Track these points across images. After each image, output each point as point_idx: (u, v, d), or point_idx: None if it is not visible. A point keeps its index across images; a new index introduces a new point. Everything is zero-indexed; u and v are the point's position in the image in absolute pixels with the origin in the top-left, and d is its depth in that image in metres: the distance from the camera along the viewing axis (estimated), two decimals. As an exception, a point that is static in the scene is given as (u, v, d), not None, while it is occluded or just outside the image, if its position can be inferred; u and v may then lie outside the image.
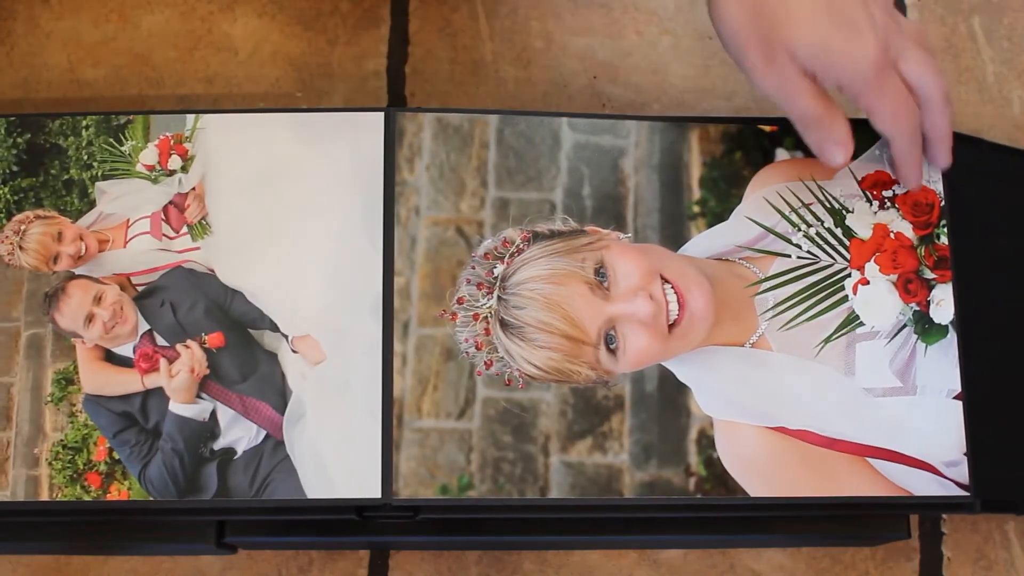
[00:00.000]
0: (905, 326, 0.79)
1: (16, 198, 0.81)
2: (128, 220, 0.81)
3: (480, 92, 0.95)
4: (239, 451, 0.77)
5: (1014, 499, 0.81)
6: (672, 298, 0.77)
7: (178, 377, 0.77)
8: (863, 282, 0.80)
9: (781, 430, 0.77)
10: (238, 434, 0.78)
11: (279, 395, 0.78)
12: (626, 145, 0.83)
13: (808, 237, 0.81)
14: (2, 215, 0.81)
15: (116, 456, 0.77)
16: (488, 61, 0.93)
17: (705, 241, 0.81)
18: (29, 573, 0.87)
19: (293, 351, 0.79)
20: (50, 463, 0.77)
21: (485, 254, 0.79)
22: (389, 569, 0.88)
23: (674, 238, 0.81)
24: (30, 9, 0.97)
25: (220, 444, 0.77)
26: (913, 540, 0.89)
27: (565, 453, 0.77)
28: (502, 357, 0.77)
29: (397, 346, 0.77)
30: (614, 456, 0.77)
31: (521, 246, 0.79)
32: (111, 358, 0.79)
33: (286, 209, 0.81)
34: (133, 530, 0.81)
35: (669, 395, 0.78)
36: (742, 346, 0.79)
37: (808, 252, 0.80)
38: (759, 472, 0.77)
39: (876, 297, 0.80)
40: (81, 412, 0.78)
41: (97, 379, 0.78)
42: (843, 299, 0.80)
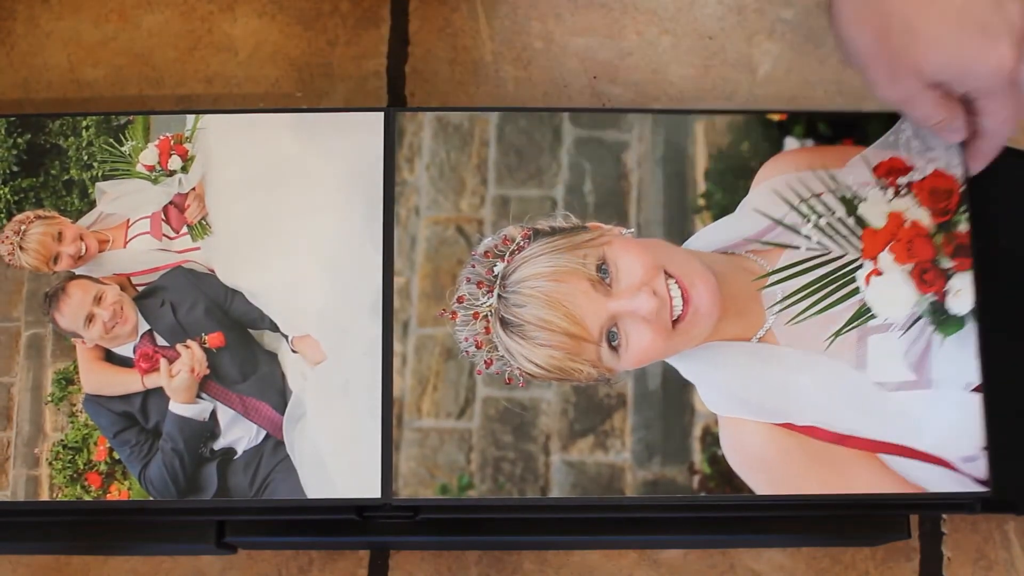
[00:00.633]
0: (920, 317, 0.77)
1: (16, 198, 0.81)
2: (128, 220, 0.81)
3: (480, 92, 0.95)
4: (239, 451, 0.77)
5: (1015, 499, 0.81)
6: (676, 293, 0.77)
7: (178, 377, 0.77)
8: (876, 273, 0.78)
9: (788, 426, 0.77)
10: (238, 434, 0.78)
11: (279, 395, 0.78)
12: (629, 139, 0.82)
13: (818, 228, 0.79)
14: (2, 215, 0.81)
15: (116, 456, 0.77)
16: (488, 61, 0.93)
17: (711, 235, 0.80)
18: (29, 573, 0.87)
19: (293, 351, 0.79)
20: (50, 463, 0.77)
21: (485, 252, 0.79)
22: (389, 569, 0.88)
23: (678, 232, 0.80)
24: (30, 9, 0.97)
25: (220, 444, 0.77)
26: (913, 540, 0.89)
27: (566, 452, 0.77)
28: (502, 356, 0.77)
29: (397, 346, 0.77)
30: (616, 455, 0.77)
31: (521, 243, 0.78)
32: (111, 358, 0.79)
33: (286, 209, 0.81)
34: (133, 530, 0.81)
35: (672, 392, 0.78)
36: (748, 341, 0.79)
37: (818, 243, 0.79)
38: (765, 469, 0.76)
39: (890, 288, 0.78)
40: (81, 412, 0.78)
41: (97, 379, 0.78)
42: (854, 291, 0.78)
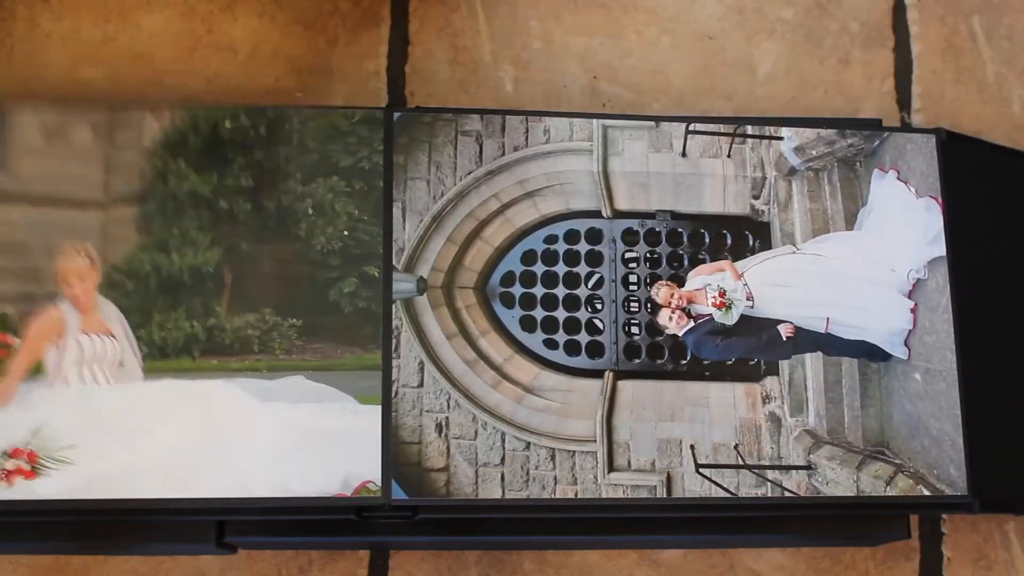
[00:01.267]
0: None
1: None
2: None
3: (480, 92, 0.95)
4: None
5: (1013, 499, 0.81)
6: None
7: None
8: None
9: None
10: None
11: None
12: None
13: None
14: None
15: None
16: (488, 61, 0.93)
17: None
18: (29, 573, 0.87)
19: None
20: None
21: None
22: (389, 569, 0.88)
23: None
24: (30, 9, 0.97)
25: None
26: (913, 540, 0.89)
27: None
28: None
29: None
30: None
31: None
32: None
33: None
34: (133, 530, 0.81)
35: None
36: None
37: None
38: None
39: None
40: None
41: None
42: None
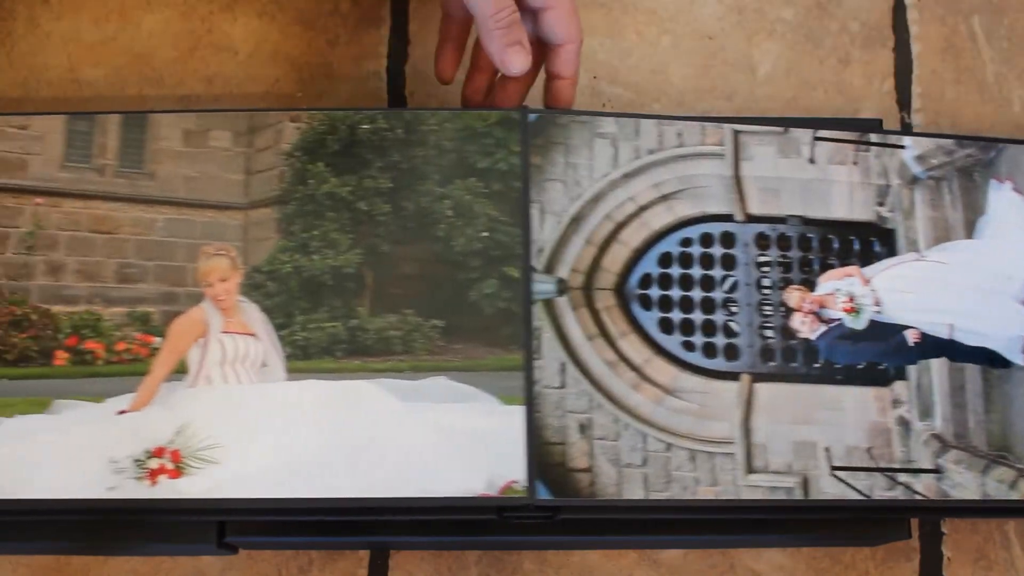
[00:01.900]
0: None
1: None
2: None
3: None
4: None
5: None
6: None
7: None
8: None
9: None
10: None
11: None
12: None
13: None
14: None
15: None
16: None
17: None
18: (29, 573, 0.87)
19: None
20: None
21: None
22: (389, 569, 0.88)
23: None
24: (30, 9, 0.97)
25: None
26: (913, 540, 0.89)
27: None
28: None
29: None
30: None
31: None
32: None
33: None
34: (134, 530, 0.81)
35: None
36: None
37: None
38: None
39: None
40: None
41: None
42: None
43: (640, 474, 0.78)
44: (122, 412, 0.77)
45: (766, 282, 0.82)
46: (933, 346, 0.82)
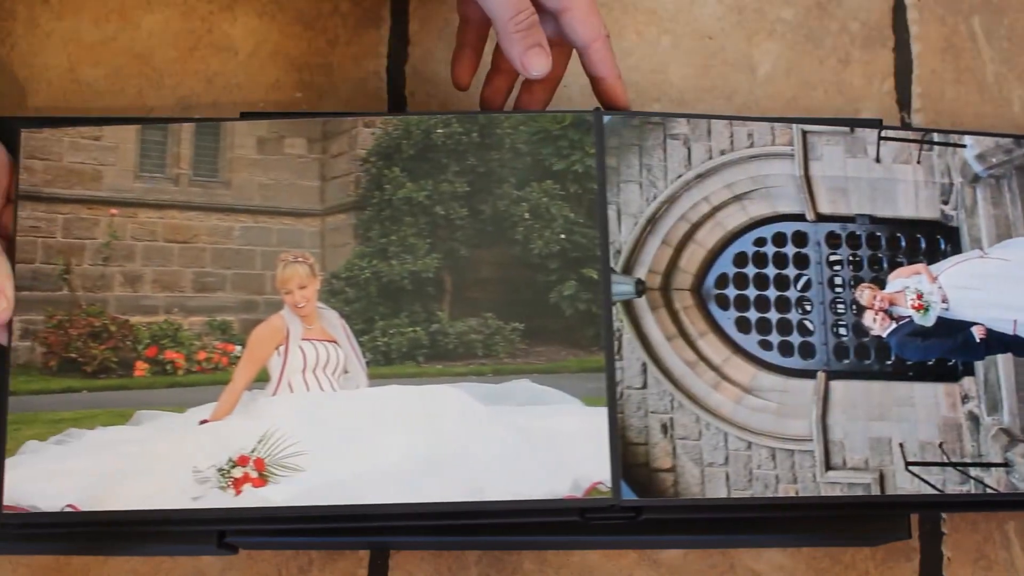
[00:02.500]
0: None
1: None
2: None
3: (479, 92, 0.95)
4: None
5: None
6: None
7: None
8: None
9: None
10: None
11: None
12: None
13: None
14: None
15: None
16: (487, 61, 0.93)
17: None
18: (29, 573, 0.87)
19: None
20: None
21: None
22: (389, 569, 0.88)
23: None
24: (30, 9, 0.97)
25: None
26: (913, 540, 0.89)
27: None
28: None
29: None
30: None
31: None
32: None
33: None
34: (134, 530, 0.81)
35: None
36: None
37: None
38: None
39: None
40: None
41: None
42: None
43: (722, 473, 0.78)
44: (204, 422, 0.77)
45: (838, 280, 0.83)
46: (999, 341, 0.82)
